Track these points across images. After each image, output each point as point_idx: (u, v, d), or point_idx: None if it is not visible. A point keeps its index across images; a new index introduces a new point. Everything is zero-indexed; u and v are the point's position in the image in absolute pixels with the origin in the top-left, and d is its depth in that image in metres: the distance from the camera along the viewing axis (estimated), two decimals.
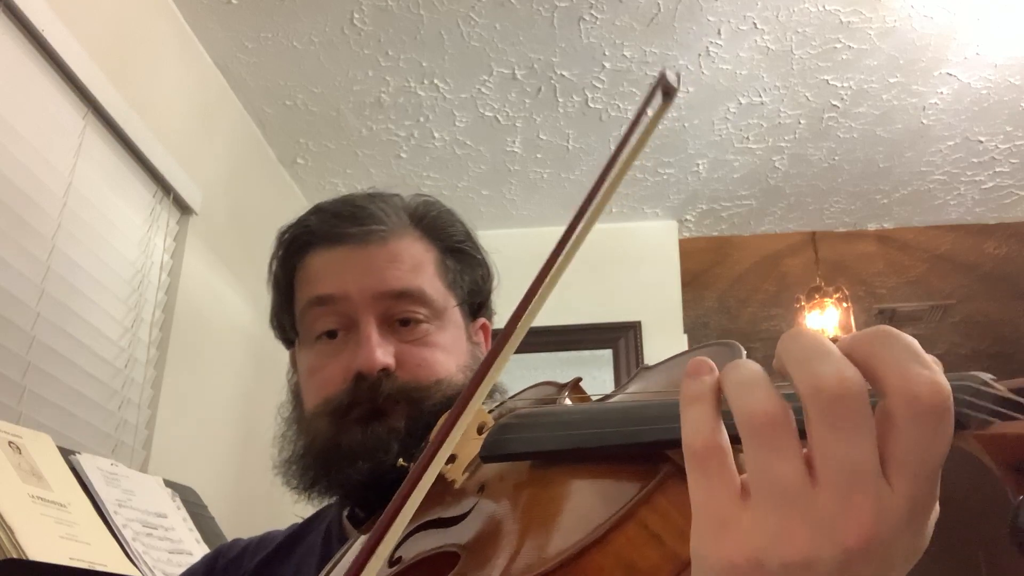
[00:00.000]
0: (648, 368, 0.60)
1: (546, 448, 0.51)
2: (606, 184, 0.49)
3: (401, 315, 0.83)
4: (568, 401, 0.66)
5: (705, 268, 3.94)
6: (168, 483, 1.60)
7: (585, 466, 0.47)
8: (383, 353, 0.80)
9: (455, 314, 0.89)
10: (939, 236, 3.69)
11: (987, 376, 0.33)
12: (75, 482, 1.26)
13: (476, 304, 0.94)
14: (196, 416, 2.15)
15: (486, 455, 0.56)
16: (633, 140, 0.49)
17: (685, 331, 3.17)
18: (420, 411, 0.79)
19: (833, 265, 3.88)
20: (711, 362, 0.36)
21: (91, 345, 1.71)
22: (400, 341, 0.83)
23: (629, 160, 0.49)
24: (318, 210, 0.90)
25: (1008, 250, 3.81)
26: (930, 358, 0.33)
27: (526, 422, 0.55)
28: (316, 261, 0.87)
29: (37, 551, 1.03)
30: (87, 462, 1.35)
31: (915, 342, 0.33)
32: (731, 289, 4.18)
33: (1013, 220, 3.24)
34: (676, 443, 0.36)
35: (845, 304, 3.62)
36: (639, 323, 3.09)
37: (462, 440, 0.55)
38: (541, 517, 0.46)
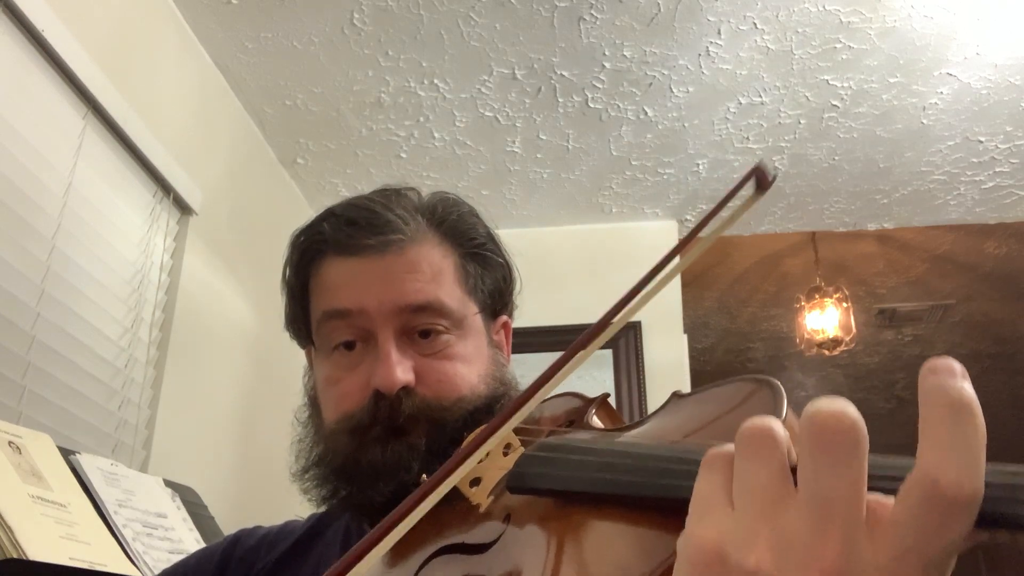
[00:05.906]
0: (681, 396, 0.58)
1: (578, 489, 0.50)
2: (677, 260, 0.49)
3: (421, 327, 0.81)
4: (596, 419, 0.64)
5: (705, 268, 3.94)
6: (168, 483, 1.60)
7: (618, 510, 0.46)
8: (402, 371, 0.78)
9: (476, 321, 0.86)
10: (939, 236, 3.69)
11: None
12: (75, 482, 1.26)
13: (498, 303, 0.92)
14: (196, 416, 2.14)
15: (513, 487, 0.54)
16: (715, 224, 0.49)
17: (685, 331, 3.17)
18: (441, 429, 0.77)
19: (833, 265, 3.88)
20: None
21: (91, 345, 1.71)
22: (420, 354, 0.81)
23: (705, 243, 0.49)
24: (331, 215, 0.86)
25: (1008, 250, 3.80)
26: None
27: (556, 457, 0.53)
28: (332, 270, 0.84)
29: (37, 551, 1.03)
30: (87, 462, 1.35)
31: (981, 431, 0.30)
32: (731, 289, 4.18)
33: (1013, 220, 3.23)
34: None
35: (845, 304, 3.62)
36: (639, 323, 3.08)
37: (488, 462, 0.54)
38: (576, 562, 0.45)
